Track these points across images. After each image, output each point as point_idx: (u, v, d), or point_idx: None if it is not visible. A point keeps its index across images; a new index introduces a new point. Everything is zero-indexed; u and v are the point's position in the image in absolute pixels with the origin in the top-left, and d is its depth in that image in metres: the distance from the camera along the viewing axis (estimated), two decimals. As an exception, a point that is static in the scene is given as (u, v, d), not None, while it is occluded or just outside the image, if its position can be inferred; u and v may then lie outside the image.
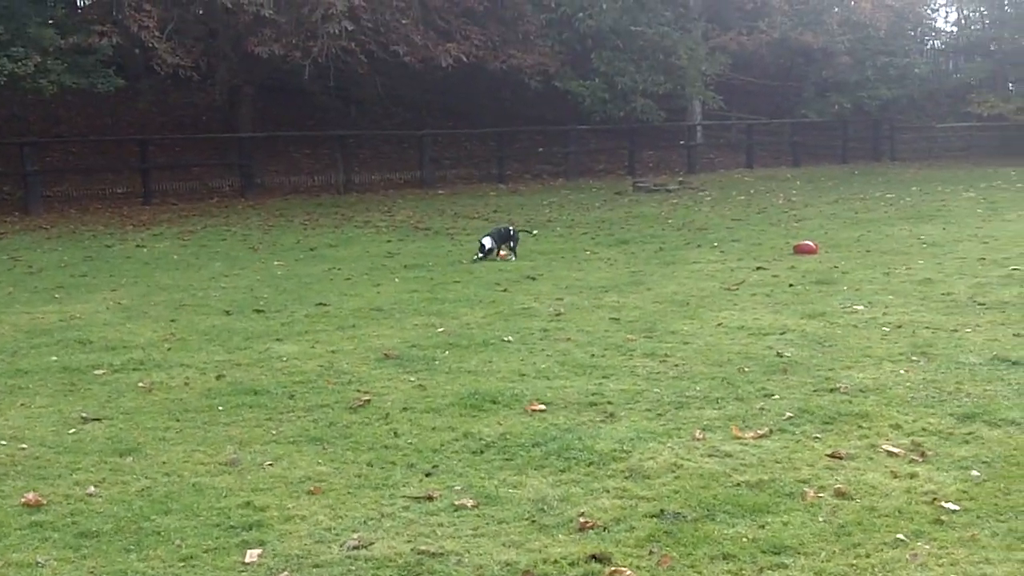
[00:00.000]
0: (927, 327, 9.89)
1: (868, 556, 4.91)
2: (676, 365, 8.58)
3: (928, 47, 48.94)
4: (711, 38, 38.12)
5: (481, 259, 15.47)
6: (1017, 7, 43.68)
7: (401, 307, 11.77)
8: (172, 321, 11.26)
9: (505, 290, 12.89)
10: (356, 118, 36.35)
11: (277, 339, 10.10)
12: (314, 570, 4.89)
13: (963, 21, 47.89)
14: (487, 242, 15.83)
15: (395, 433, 6.88)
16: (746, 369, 8.38)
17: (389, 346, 9.61)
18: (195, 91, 34.77)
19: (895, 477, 5.86)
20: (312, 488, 5.91)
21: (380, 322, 10.93)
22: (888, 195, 26.31)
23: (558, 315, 11.09)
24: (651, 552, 4.95)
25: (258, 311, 11.72)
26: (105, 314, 11.82)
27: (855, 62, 41.00)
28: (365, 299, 12.37)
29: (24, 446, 6.83)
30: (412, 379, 8.33)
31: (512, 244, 16.14)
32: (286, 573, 4.88)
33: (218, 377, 8.55)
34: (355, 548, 5.12)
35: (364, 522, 5.44)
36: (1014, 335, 9.37)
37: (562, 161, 35.72)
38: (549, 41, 34.27)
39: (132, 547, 5.16)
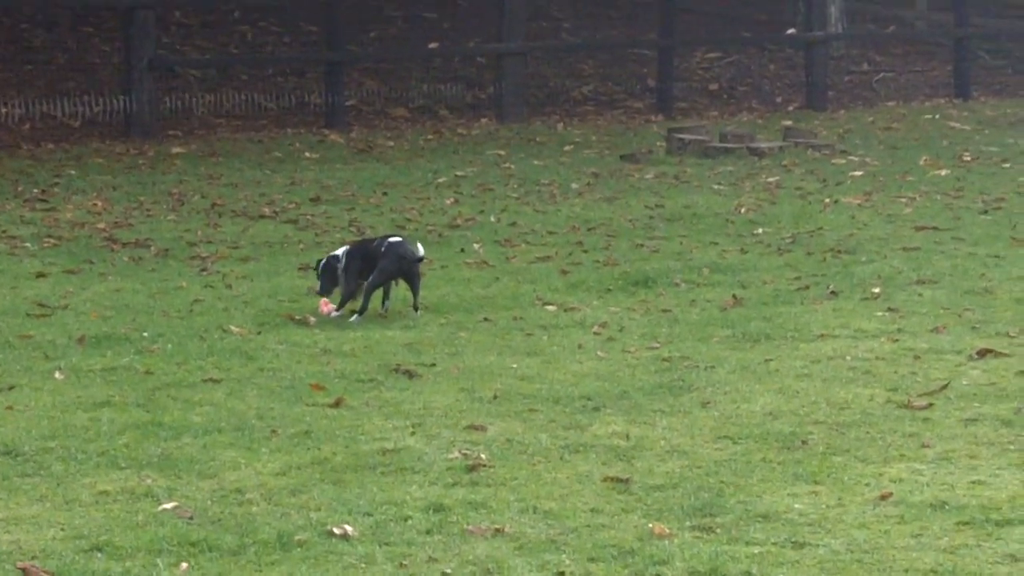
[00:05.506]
0: None
1: None
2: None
3: None
4: None
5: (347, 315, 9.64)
6: None
7: (69, 446, 7.65)
8: None
9: (338, 403, 8.05)
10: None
11: None
12: None
13: None
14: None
15: None
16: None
17: (32, 553, 6.11)
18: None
19: None
20: None
21: (10, 486, 6.81)
22: None
23: (473, 468, 7.12)
24: None
25: None
26: None
27: None
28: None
29: None
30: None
31: (414, 282, 10.17)
32: None
33: None
34: None
35: None
36: None
37: (489, 77, 20.54)
38: None
39: None
